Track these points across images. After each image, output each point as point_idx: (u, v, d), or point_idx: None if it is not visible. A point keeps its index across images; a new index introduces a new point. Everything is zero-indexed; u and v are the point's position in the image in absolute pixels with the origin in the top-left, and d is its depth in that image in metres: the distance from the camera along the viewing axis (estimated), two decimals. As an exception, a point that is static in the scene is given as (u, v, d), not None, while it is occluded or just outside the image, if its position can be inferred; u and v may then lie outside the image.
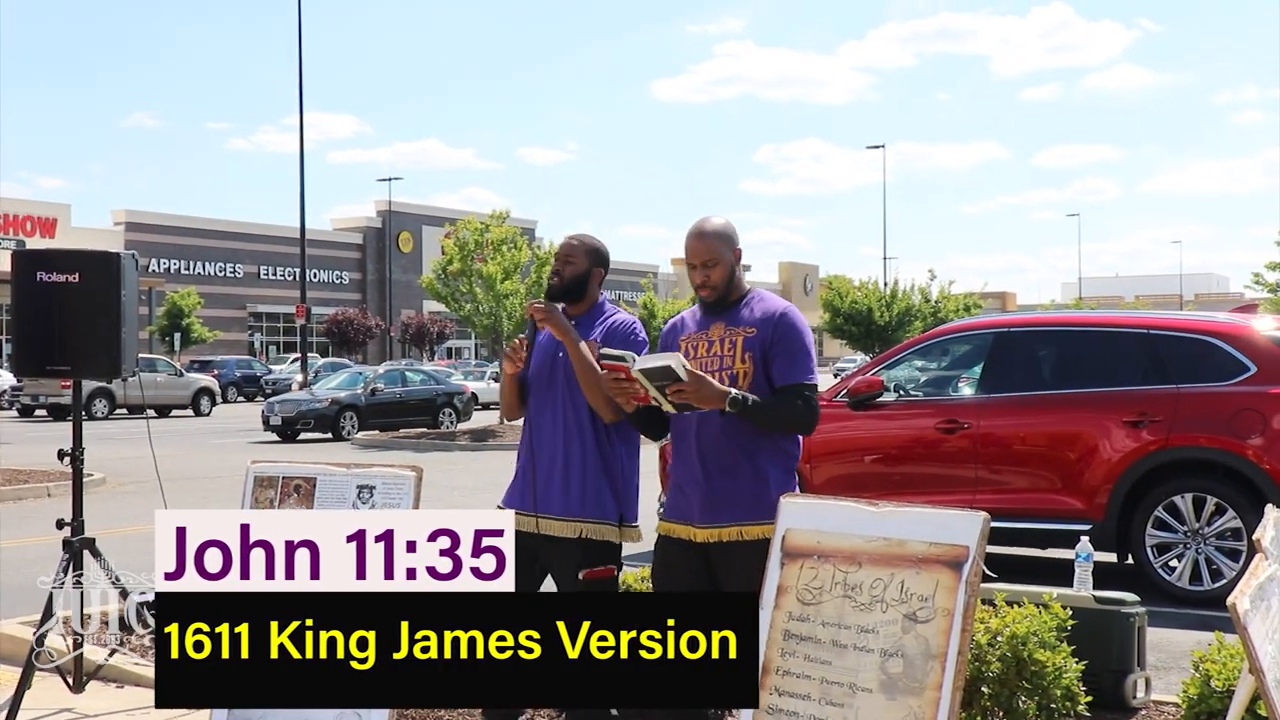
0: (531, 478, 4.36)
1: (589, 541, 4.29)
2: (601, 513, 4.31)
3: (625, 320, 4.44)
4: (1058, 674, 4.37)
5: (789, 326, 4.04)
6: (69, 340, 5.34)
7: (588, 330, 4.37)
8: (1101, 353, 8.67)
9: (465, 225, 27.14)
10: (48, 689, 5.55)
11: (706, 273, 4.09)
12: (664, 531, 4.18)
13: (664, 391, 3.87)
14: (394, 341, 65.42)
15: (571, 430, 4.33)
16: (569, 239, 4.53)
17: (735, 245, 4.13)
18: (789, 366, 4.01)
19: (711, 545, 4.02)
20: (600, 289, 4.51)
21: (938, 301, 45.38)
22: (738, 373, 4.00)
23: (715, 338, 4.09)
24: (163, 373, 35.95)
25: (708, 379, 3.87)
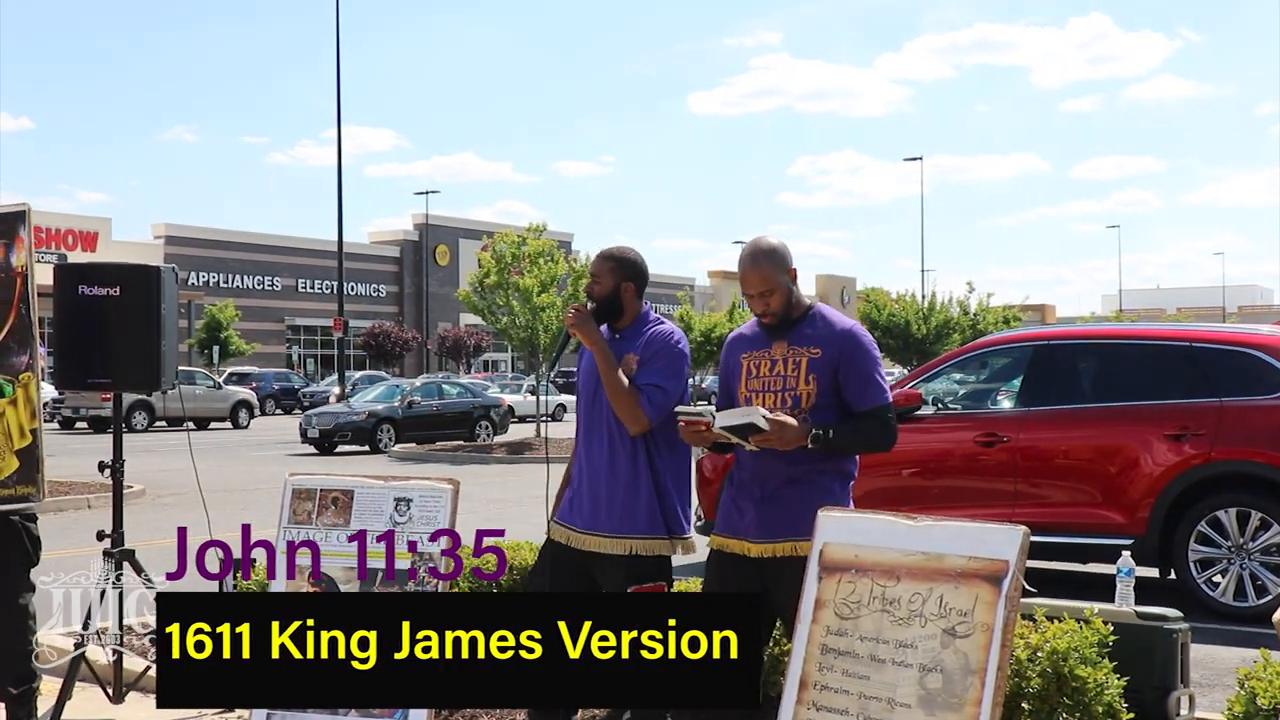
0: (582, 494, 4.37)
1: (638, 558, 4.27)
2: (651, 528, 4.28)
3: (664, 331, 4.40)
4: (1099, 690, 4.32)
5: (857, 348, 4.01)
6: (110, 353, 5.38)
7: (632, 343, 4.35)
8: (1143, 366, 8.59)
9: (502, 238, 27.21)
10: (88, 699, 5.58)
11: (765, 301, 4.06)
12: (717, 546, 4.17)
13: (745, 438, 3.87)
14: (430, 354, 65.65)
15: (619, 446, 4.31)
16: (596, 257, 4.51)
17: (789, 266, 4.09)
18: (864, 390, 3.98)
19: (766, 560, 4.00)
20: (640, 300, 4.48)
21: (976, 314, 45.13)
22: (801, 394, 3.98)
23: (778, 356, 4.07)
24: (201, 385, 36.25)
25: (789, 423, 3.85)
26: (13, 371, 4.61)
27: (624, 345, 4.34)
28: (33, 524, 4.97)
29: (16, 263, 4.66)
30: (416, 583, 4.41)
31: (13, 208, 4.75)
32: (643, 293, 4.49)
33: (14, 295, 4.63)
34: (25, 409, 4.61)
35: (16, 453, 4.61)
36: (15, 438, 4.61)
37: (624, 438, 4.30)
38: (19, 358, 4.61)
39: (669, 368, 4.30)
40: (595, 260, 4.49)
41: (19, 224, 4.70)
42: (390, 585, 4.43)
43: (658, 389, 4.24)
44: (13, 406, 4.61)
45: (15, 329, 4.63)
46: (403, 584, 4.42)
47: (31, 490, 4.64)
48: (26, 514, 4.90)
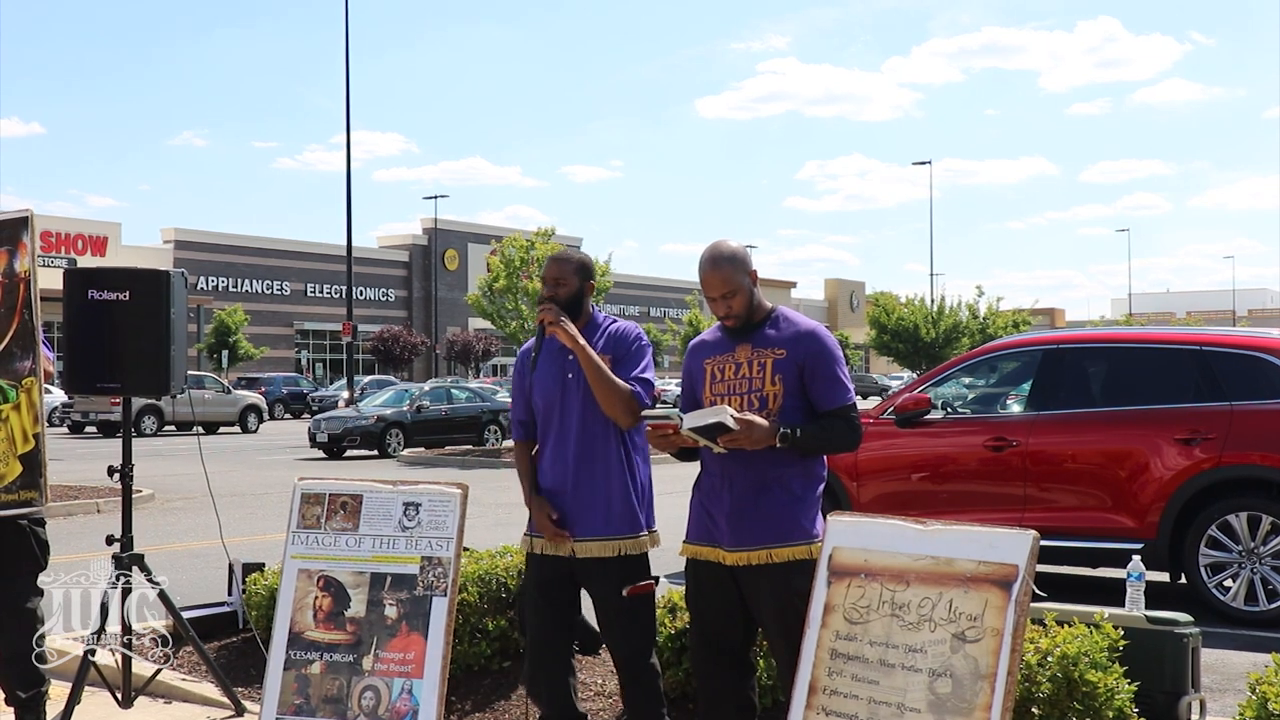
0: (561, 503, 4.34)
1: (627, 558, 4.28)
2: (634, 526, 4.30)
3: (627, 329, 4.44)
4: (1110, 695, 4.30)
5: (821, 349, 4.02)
6: (119, 358, 5.38)
7: (590, 343, 4.33)
8: (1153, 370, 8.56)
9: (511, 242, 27.26)
10: (98, 704, 5.59)
11: (728, 303, 4.07)
12: (691, 555, 4.16)
13: (714, 439, 3.87)
14: (439, 359, 65.72)
15: (594, 449, 4.30)
16: (554, 260, 4.49)
17: (750, 268, 4.11)
18: (829, 390, 4.00)
19: (740, 569, 4.00)
20: (591, 303, 4.50)
21: (985, 318, 45.09)
22: (767, 394, 3.98)
23: (743, 360, 4.07)
24: (211, 390, 36.30)
25: (757, 422, 3.86)
26: (16, 376, 4.62)
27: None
28: (41, 528, 4.97)
29: (20, 268, 4.68)
30: (424, 588, 4.41)
31: (16, 214, 4.76)
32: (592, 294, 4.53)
33: (18, 301, 4.65)
34: (28, 414, 4.62)
35: (20, 457, 4.62)
36: (19, 443, 4.62)
37: (599, 439, 4.29)
38: (22, 363, 4.63)
39: (645, 361, 4.35)
40: (554, 264, 4.46)
41: (22, 230, 4.71)
42: (398, 591, 4.43)
43: (646, 381, 4.29)
44: (16, 411, 4.62)
45: (19, 334, 4.64)
46: (411, 589, 4.42)
47: (35, 495, 4.65)
48: (35, 518, 4.91)
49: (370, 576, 4.47)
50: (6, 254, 4.69)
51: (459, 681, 5.61)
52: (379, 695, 4.35)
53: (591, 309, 4.49)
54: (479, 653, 5.76)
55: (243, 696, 5.71)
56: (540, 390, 4.41)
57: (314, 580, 4.52)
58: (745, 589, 4.02)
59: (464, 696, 5.61)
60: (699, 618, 4.20)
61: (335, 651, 4.44)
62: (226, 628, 6.69)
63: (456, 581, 4.42)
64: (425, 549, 4.45)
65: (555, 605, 4.38)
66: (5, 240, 4.71)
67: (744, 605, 4.06)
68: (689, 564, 4.19)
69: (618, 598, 4.27)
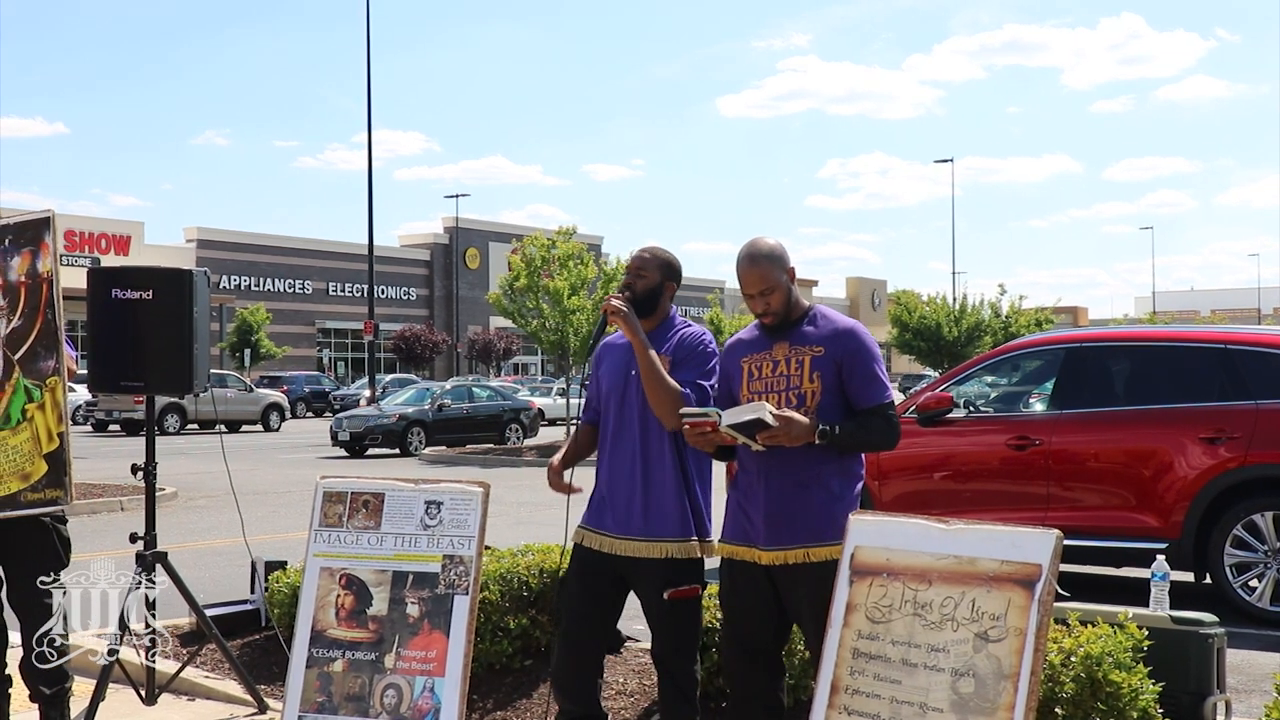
0: (610, 498, 4.35)
1: (674, 560, 4.26)
2: (684, 530, 4.28)
3: (695, 333, 4.41)
4: (1134, 696, 4.28)
5: (860, 346, 4.00)
6: (142, 357, 5.40)
7: (660, 345, 4.33)
8: (1177, 368, 8.51)
9: (532, 241, 27.28)
10: (122, 701, 5.62)
11: (766, 300, 4.06)
12: (726, 554, 4.15)
13: (753, 436, 3.86)
14: (461, 357, 65.83)
15: (651, 449, 4.29)
16: (641, 251, 4.49)
17: (788, 265, 4.09)
18: (867, 388, 3.98)
19: (777, 568, 3.98)
20: (672, 303, 4.48)
21: (1008, 317, 44.91)
22: (805, 392, 3.96)
23: (780, 357, 4.05)
24: (233, 388, 36.48)
25: (796, 418, 3.84)
26: (40, 376, 4.66)
27: (652, 345, 4.32)
28: (63, 525, 5.00)
29: (43, 269, 4.71)
30: (446, 587, 4.41)
31: (38, 214, 4.80)
32: (673, 298, 4.49)
33: (41, 301, 4.68)
34: (53, 413, 4.65)
35: (45, 456, 4.66)
36: (44, 441, 4.66)
37: (657, 439, 4.28)
38: (46, 362, 4.66)
39: (705, 367, 4.31)
40: (640, 255, 4.46)
41: (44, 230, 4.75)
42: (420, 590, 4.43)
43: (699, 386, 4.25)
44: (41, 411, 4.66)
45: (42, 334, 4.68)
46: (433, 588, 4.42)
47: (60, 494, 4.68)
48: (57, 516, 4.94)
49: (392, 575, 4.48)
50: (29, 254, 4.73)
51: (480, 680, 5.62)
52: (401, 693, 4.36)
53: (671, 310, 4.47)
54: (501, 651, 5.76)
55: (265, 694, 5.74)
56: (606, 384, 4.44)
57: (336, 578, 4.53)
58: (781, 589, 4.00)
59: (486, 695, 5.61)
60: (732, 617, 4.19)
61: (357, 649, 4.45)
62: (249, 625, 6.72)
63: (478, 580, 4.42)
64: (447, 547, 4.45)
65: (594, 600, 4.37)
66: (28, 241, 4.75)
67: (778, 605, 4.05)
68: (724, 563, 4.18)
69: (660, 601, 4.26)
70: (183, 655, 6.16)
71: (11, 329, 4.71)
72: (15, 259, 4.74)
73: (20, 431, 4.69)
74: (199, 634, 6.39)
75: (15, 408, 4.69)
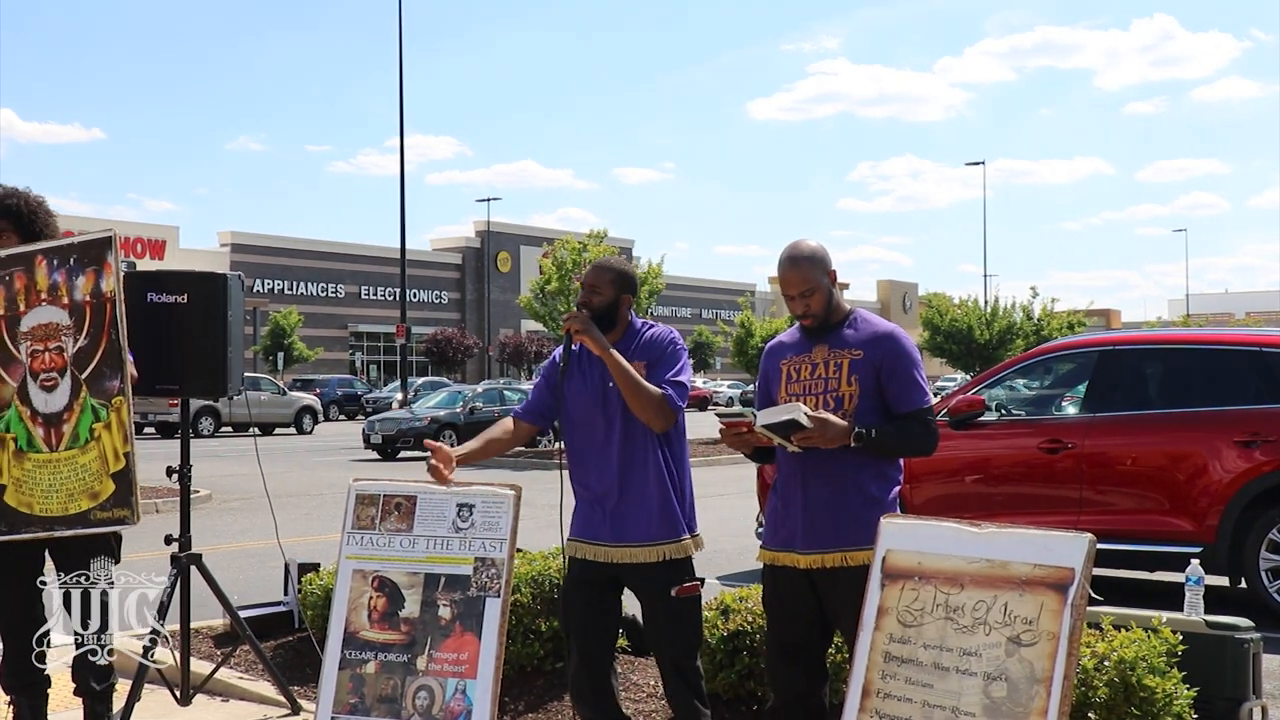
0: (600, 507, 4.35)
1: (672, 561, 4.29)
2: (676, 531, 4.31)
3: (660, 333, 4.42)
4: (1168, 701, 4.25)
5: (899, 350, 4.00)
6: (177, 360, 5.45)
7: (626, 351, 4.32)
8: (1211, 371, 8.45)
9: (563, 245, 27.32)
10: (157, 701, 5.66)
11: (806, 302, 4.06)
12: (768, 560, 4.16)
13: (788, 437, 3.86)
14: (492, 360, 66.00)
15: (635, 455, 4.30)
16: (594, 268, 4.48)
17: (829, 267, 4.09)
18: (906, 392, 3.97)
19: (816, 571, 3.99)
20: (630, 313, 4.47)
21: (1040, 320, 44.63)
22: (843, 395, 3.96)
23: (819, 360, 4.05)
24: (267, 391, 36.69)
25: (832, 420, 3.84)
26: (106, 396, 4.72)
27: (620, 354, 4.31)
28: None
29: (106, 288, 4.77)
30: (478, 589, 4.43)
31: (101, 234, 4.86)
32: (631, 307, 4.48)
33: (105, 320, 4.74)
34: (119, 433, 4.72)
35: (112, 476, 4.72)
36: (111, 461, 4.72)
37: (640, 444, 4.29)
38: (111, 382, 4.72)
39: (679, 365, 4.33)
40: (593, 271, 4.46)
41: (106, 250, 4.81)
42: (452, 592, 4.45)
43: (679, 384, 4.28)
44: (107, 430, 4.72)
45: (107, 354, 4.73)
46: (465, 590, 4.44)
47: (127, 513, 4.74)
48: None
49: (424, 577, 4.50)
50: (93, 274, 4.79)
51: (512, 682, 5.64)
52: (433, 695, 4.38)
53: (630, 318, 4.47)
54: (532, 653, 5.78)
55: (298, 695, 5.77)
56: (578, 400, 4.40)
57: (369, 580, 4.55)
58: (822, 592, 4.01)
59: (517, 697, 5.63)
60: (774, 623, 4.19)
61: (390, 651, 4.47)
62: (282, 627, 6.76)
63: (510, 582, 4.43)
64: (479, 550, 4.47)
65: (597, 608, 4.40)
66: (92, 260, 4.81)
67: (819, 609, 4.05)
68: (766, 569, 4.19)
69: (665, 599, 4.28)
70: (217, 656, 6.21)
71: (78, 348, 4.76)
72: (80, 278, 4.80)
73: (89, 451, 4.75)
74: (233, 635, 6.44)
75: (84, 427, 4.75)
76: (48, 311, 4.81)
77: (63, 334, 4.78)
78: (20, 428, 4.80)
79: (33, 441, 4.79)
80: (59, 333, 4.78)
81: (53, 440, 4.77)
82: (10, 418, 4.81)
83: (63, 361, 4.77)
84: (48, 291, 4.81)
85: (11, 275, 4.84)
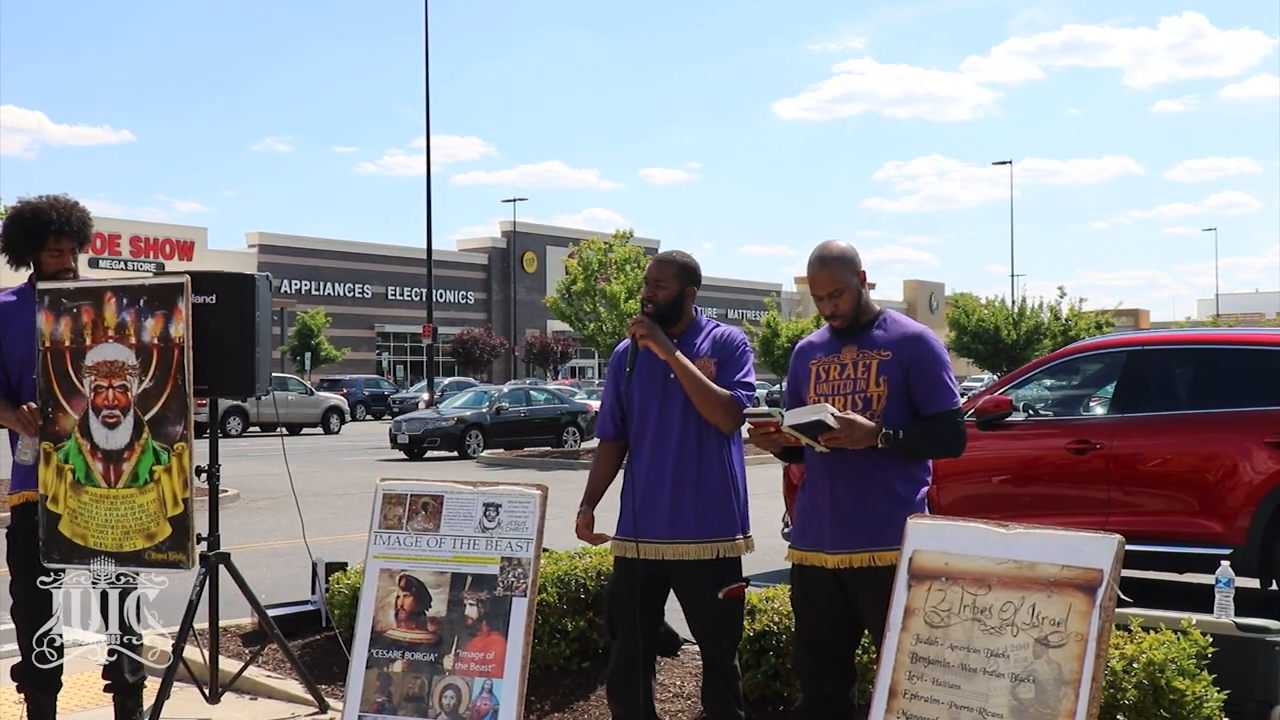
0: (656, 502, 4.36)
1: (724, 560, 4.30)
2: (732, 529, 4.31)
3: (730, 331, 4.44)
4: (1198, 703, 4.23)
5: (928, 351, 4.00)
6: (206, 360, 5.47)
7: (691, 347, 4.35)
8: (1241, 371, 8.39)
9: (589, 245, 27.34)
10: (186, 699, 5.69)
11: (835, 302, 4.06)
12: (796, 560, 4.16)
13: (816, 438, 3.86)
14: (518, 361, 66.13)
15: (693, 451, 4.31)
16: (657, 261, 4.49)
17: (859, 268, 4.09)
18: (934, 393, 3.97)
19: (844, 571, 3.98)
20: (694, 305, 4.49)
21: (1067, 320, 44.44)
22: (871, 396, 3.96)
23: (848, 360, 4.05)
24: (294, 391, 36.85)
25: (859, 421, 3.84)
26: (169, 440, 4.76)
27: (683, 350, 4.32)
28: None
29: (175, 333, 4.81)
30: (504, 589, 4.44)
31: (174, 278, 4.91)
32: (695, 299, 4.50)
33: (173, 365, 4.78)
34: (179, 477, 4.76)
35: (170, 519, 4.75)
36: (169, 504, 4.75)
37: (699, 441, 4.30)
38: (175, 427, 4.76)
39: (747, 366, 4.36)
40: (656, 266, 4.46)
41: (178, 295, 4.86)
42: (478, 591, 4.46)
43: (747, 384, 4.31)
44: (168, 474, 4.76)
45: (172, 398, 4.77)
46: (491, 590, 4.45)
47: (182, 557, 4.77)
48: None
49: (451, 576, 4.51)
50: (163, 318, 4.82)
51: (538, 681, 5.64)
52: (460, 694, 4.39)
53: (695, 312, 4.48)
54: (558, 653, 5.79)
55: (326, 694, 5.80)
56: (639, 394, 4.42)
57: (396, 580, 4.57)
58: (850, 592, 4.01)
59: (543, 696, 5.64)
60: (803, 622, 4.19)
61: (417, 650, 4.48)
62: (310, 626, 6.79)
63: (536, 582, 4.45)
64: (505, 550, 4.48)
65: (646, 609, 4.41)
66: (162, 304, 4.85)
67: (848, 609, 4.05)
68: (794, 569, 4.19)
69: (713, 599, 4.29)
70: (245, 654, 6.24)
71: (143, 389, 4.80)
72: (149, 320, 4.84)
73: (147, 492, 4.79)
74: (261, 634, 6.48)
75: (144, 468, 4.79)
76: (114, 349, 4.85)
77: (128, 373, 4.82)
78: (79, 460, 4.84)
79: (91, 475, 4.83)
80: (124, 371, 4.82)
81: (111, 476, 4.82)
82: (70, 449, 4.85)
83: (126, 400, 4.81)
84: (115, 329, 4.85)
85: (80, 308, 4.88)
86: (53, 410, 4.87)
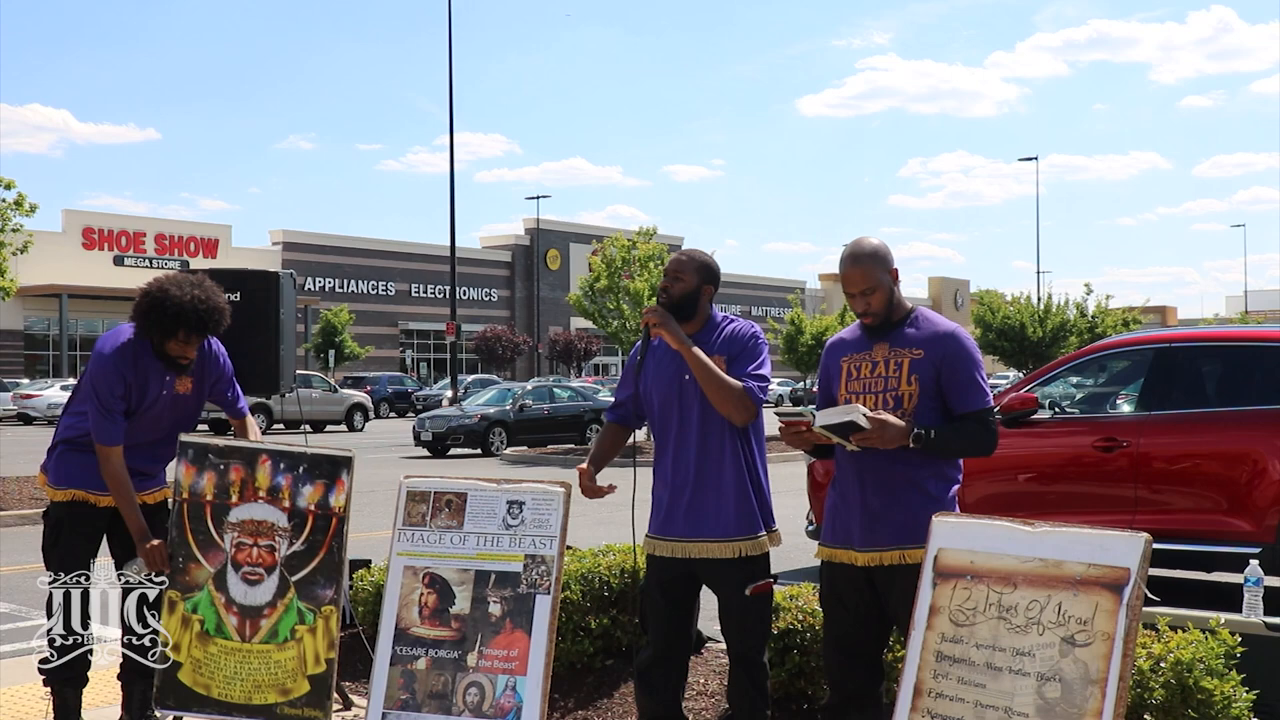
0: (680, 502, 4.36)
1: (748, 558, 4.29)
2: (753, 527, 4.30)
3: (743, 326, 4.43)
4: (1226, 704, 4.19)
5: (960, 350, 3.97)
6: (230, 357, 5.50)
7: (705, 345, 4.34)
8: (1270, 369, 8.31)
9: (612, 242, 27.34)
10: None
11: (867, 300, 4.04)
12: (825, 557, 4.15)
13: (847, 437, 3.85)
14: (541, 358, 66.20)
15: (712, 449, 4.31)
16: (677, 255, 4.50)
17: (891, 266, 4.07)
18: (966, 394, 3.95)
19: (874, 569, 3.97)
20: (711, 305, 4.48)
21: (1094, 317, 44.18)
22: (903, 394, 3.95)
23: (880, 358, 4.03)
24: (318, 389, 36.96)
25: (890, 421, 3.83)
26: (316, 602, 4.78)
27: (699, 347, 4.32)
28: None
29: (335, 503, 4.84)
30: (528, 586, 4.44)
31: (340, 452, 4.94)
32: (712, 300, 4.49)
33: (329, 534, 4.81)
34: (324, 639, 4.76)
35: (309, 677, 4.76)
36: (310, 663, 4.76)
37: (718, 439, 4.29)
38: (324, 590, 4.78)
39: (761, 359, 4.34)
40: (676, 260, 4.47)
41: (343, 468, 4.90)
42: (502, 589, 4.46)
43: (761, 377, 4.30)
44: (311, 635, 4.77)
45: (324, 564, 4.79)
46: (515, 587, 4.45)
47: (319, 715, 4.75)
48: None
49: (475, 574, 4.51)
50: (323, 486, 4.85)
51: (562, 679, 5.64)
52: (483, 691, 4.39)
53: (711, 311, 4.47)
54: (582, 650, 5.78)
55: (349, 691, 5.80)
56: (657, 392, 4.42)
57: (419, 577, 4.57)
58: (880, 590, 4.00)
59: (567, 694, 5.64)
60: (832, 620, 4.18)
61: (440, 648, 4.48)
62: (334, 623, 6.79)
63: (560, 579, 4.44)
64: (529, 547, 4.48)
65: (678, 606, 4.43)
66: (324, 474, 4.88)
67: (878, 607, 4.04)
68: (823, 566, 4.18)
69: (740, 596, 4.29)
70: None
71: (292, 551, 4.81)
72: (308, 487, 4.85)
73: (286, 649, 4.78)
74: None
75: (285, 625, 4.79)
76: (263, 509, 4.86)
77: (277, 534, 4.83)
78: (210, 612, 4.84)
79: (222, 628, 4.83)
80: (273, 532, 4.83)
81: (246, 631, 4.81)
82: (200, 600, 4.85)
83: (272, 560, 4.82)
84: (268, 491, 4.87)
85: (228, 465, 4.89)
86: (184, 560, 4.86)
